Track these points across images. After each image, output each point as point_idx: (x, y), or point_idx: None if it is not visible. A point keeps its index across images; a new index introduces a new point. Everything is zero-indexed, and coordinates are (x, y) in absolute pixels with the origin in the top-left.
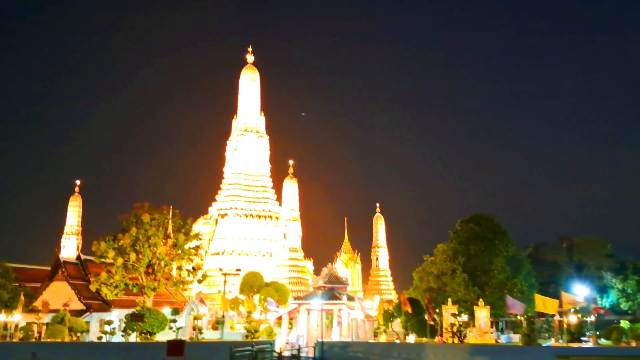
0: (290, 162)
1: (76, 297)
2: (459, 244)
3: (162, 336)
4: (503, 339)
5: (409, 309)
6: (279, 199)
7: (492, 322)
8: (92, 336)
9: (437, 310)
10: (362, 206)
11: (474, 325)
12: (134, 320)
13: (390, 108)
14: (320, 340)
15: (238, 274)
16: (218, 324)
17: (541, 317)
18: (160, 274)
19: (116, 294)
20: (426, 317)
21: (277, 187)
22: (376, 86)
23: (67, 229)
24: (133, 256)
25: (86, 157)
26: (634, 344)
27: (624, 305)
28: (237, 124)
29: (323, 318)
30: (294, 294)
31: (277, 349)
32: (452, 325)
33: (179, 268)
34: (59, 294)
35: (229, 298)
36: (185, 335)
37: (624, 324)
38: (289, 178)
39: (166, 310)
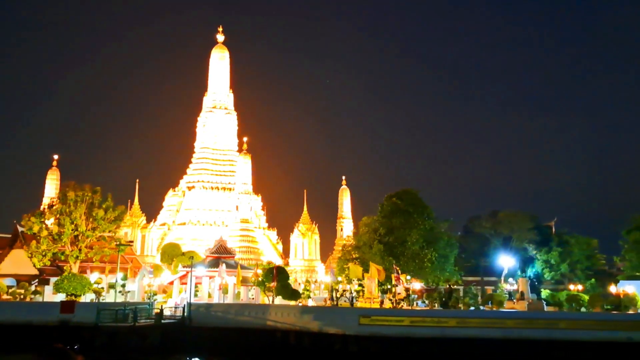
0: (245, 138)
1: (31, 264)
2: (383, 217)
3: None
4: (419, 304)
5: (260, 278)
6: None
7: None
8: (46, 297)
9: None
10: (327, 179)
11: (391, 292)
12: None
13: (354, 87)
14: (188, 301)
15: (130, 245)
16: (111, 288)
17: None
18: (83, 244)
19: (43, 262)
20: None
21: None
22: (341, 64)
23: (45, 200)
24: (55, 228)
25: (62, 132)
26: (495, 308)
27: (547, 275)
28: (206, 100)
29: (188, 284)
30: (243, 261)
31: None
32: (337, 290)
33: (102, 238)
34: (18, 261)
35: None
36: (138, 298)
37: (545, 292)
38: (242, 154)
39: (119, 276)
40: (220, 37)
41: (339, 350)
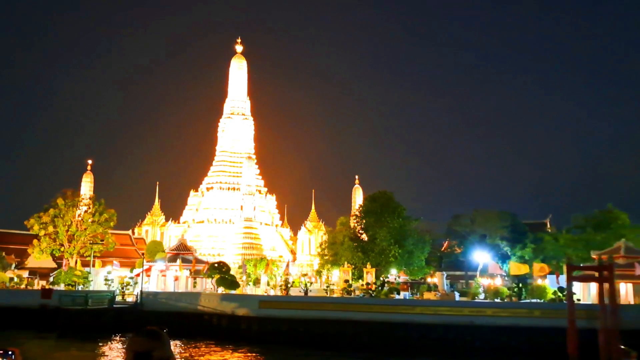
0: (252, 144)
1: (50, 258)
2: (358, 216)
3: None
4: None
5: (209, 271)
6: (261, 173)
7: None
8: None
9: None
10: (342, 178)
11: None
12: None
13: (366, 90)
14: (140, 290)
15: (102, 244)
16: (87, 279)
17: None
18: (77, 243)
19: (42, 258)
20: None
21: (261, 163)
22: (353, 67)
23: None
24: (51, 229)
25: (95, 138)
26: (421, 297)
27: None
28: (226, 107)
29: (138, 276)
30: (245, 256)
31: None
32: (288, 282)
33: (95, 237)
34: None
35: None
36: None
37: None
38: (247, 159)
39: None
40: (239, 48)
41: (245, 329)
